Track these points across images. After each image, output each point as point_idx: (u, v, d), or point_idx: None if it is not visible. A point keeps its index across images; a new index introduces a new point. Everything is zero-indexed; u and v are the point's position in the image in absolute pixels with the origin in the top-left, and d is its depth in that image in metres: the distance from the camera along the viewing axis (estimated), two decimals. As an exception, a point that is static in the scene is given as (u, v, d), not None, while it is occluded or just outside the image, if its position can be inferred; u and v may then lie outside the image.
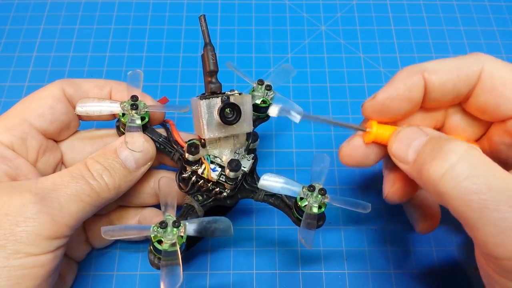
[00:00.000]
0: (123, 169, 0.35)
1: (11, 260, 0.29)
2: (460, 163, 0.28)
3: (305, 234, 0.34)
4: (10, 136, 0.34)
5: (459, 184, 0.27)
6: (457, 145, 0.29)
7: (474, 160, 0.28)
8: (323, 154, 0.37)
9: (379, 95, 0.35)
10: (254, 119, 0.41)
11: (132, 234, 0.31)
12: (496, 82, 0.32)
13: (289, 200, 0.37)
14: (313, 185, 0.35)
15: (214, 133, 0.34)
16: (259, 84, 0.41)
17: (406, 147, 0.32)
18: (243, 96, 0.34)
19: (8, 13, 0.58)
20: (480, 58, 0.33)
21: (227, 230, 0.32)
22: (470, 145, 0.29)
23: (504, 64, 0.33)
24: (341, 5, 0.60)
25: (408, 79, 0.34)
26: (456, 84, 0.33)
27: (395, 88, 0.34)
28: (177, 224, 0.31)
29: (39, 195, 0.31)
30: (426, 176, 0.29)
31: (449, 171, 0.28)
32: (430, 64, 0.34)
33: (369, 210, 0.35)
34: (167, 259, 0.31)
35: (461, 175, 0.27)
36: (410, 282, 0.42)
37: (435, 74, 0.34)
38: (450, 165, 0.28)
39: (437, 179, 0.28)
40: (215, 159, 0.36)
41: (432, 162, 0.29)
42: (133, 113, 0.36)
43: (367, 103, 0.36)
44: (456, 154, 0.28)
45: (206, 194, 0.37)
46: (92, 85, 0.39)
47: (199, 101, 0.33)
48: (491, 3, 0.61)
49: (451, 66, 0.34)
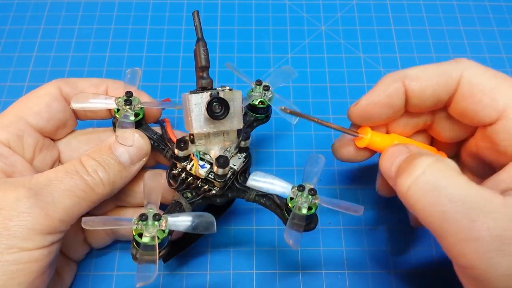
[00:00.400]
0: (118, 164, 0.35)
1: (5, 255, 0.29)
2: (423, 176, 0.29)
3: (291, 235, 0.33)
4: (6, 134, 0.35)
5: (422, 197, 0.29)
6: (423, 159, 0.30)
7: (437, 173, 0.29)
8: (318, 155, 0.37)
9: (361, 102, 0.36)
10: (252, 120, 0.41)
11: (111, 225, 0.32)
12: (474, 89, 0.33)
13: (280, 201, 0.36)
14: (303, 185, 0.34)
15: (202, 128, 0.34)
16: (257, 84, 0.41)
17: (390, 165, 0.33)
18: (233, 92, 0.34)
19: (8, 13, 0.58)
20: (460, 64, 0.34)
21: (209, 227, 0.31)
22: (436, 159, 0.30)
23: (484, 71, 0.33)
24: (341, 5, 0.60)
25: (389, 86, 0.35)
26: (435, 91, 0.34)
27: (376, 95, 0.36)
28: (158, 217, 0.31)
29: (33, 190, 0.31)
30: (398, 189, 0.31)
31: (413, 185, 0.29)
32: (412, 70, 0.35)
33: (362, 213, 0.34)
34: (145, 253, 0.30)
35: (424, 188, 0.29)
36: (410, 282, 0.42)
37: (415, 81, 0.34)
38: (414, 178, 0.29)
39: (404, 192, 0.30)
40: (204, 156, 0.36)
41: (401, 176, 0.31)
42: (127, 109, 0.36)
43: (351, 108, 0.37)
44: (420, 168, 0.30)
45: (195, 192, 0.36)
46: (88, 83, 0.39)
47: (187, 96, 0.33)
48: (491, 3, 0.61)
49: (432, 73, 0.34)
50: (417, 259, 0.43)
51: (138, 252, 0.31)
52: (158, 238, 0.31)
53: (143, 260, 0.30)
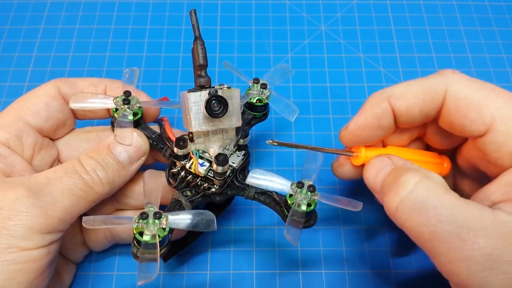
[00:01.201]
0: (117, 163, 0.35)
1: (5, 254, 0.29)
2: (410, 196, 0.29)
3: (290, 231, 0.33)
4: (5, 133, 0.35)
5: (410, 217, 0.29)
6: (409, 177, 0.30)
7: (425, 192, 0.29)
8: (316, 153, 0.37)
9: (350, 126, 0.36)
10: (250, 118, 0.41)
11: (112, 224, 0.32)
12: (460, 104, 0.32)
13: (280, 198, 0.36)
14: (302, 182, 0.34)
15: (201, 126, 0.34)
16: (254, 82, 0.41)
17: (374, 177, 0.33)
18: (232, 90, 0.34)
19: (8, 13, 0.58)
20: (445, 78, 0.34)
21: (210, 224, 0.31)
22: (423, 176, 0.29)
23: (469, 83, 0.33)
24: (341, 5, 0.60)
25: (376, 107, 0.35)
26: (422, 108, 0.34)
27: (364, 118, 0.35)
28: (158, 216, 0.31)
29: (32, 189, 0.31)
30: (386, 207, 0.31)
31: (401, 205, 0.29)
32: (397, 88, 0.35)
33: (360, 208, 0.34)
34: (146, 252, 0.30)
35: (411, 209, 0.29)
36: (410, 282, 0.42)
37: (400, 100, 0.34)
38: (401, 199, 0.29)
39: (392, 212, 0.30)
40: (204, 154, 0.36)
41: (388, 195, 0.30)
42: (125, 108, 0.37)
43: (342, 133, 0.37)
44: (407, 187, 0.29)
45: (195, 190, 0.36)
46: (86, 83, 0.39)
47: (186, 94, 0.34)
48: (491, 3, 0.61)
49: (417, 90, 0.34)
50: (417, 259, 0.43)
51: (139, 251, 0.31)
52: (159, 237, 0.31)
53: (144, 258, 0.30)
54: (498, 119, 0.31)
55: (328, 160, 0.48)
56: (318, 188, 0.46)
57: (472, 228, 0.27)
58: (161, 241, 0.31)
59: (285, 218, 0.35)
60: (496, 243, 0.26)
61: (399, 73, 0.55)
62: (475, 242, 0.26)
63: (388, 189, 0.31)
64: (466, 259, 0.26)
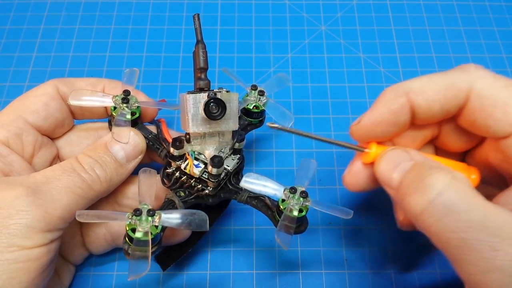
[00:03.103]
0: (114, 162, 0.35)
1: (5, 253, 0.29)
2: (439, 199, 0.27)
3: (281, 236, 0.33)
4: (5, 132, 0.35)
5: (438, 222, 0.27)
6: (438, 178, 0.28)
7: (455, 195, 0.27)
8: (310, 160, 0.37)
9: (364, 120, 0.34)
10: (246, 124, 0.42)
11: (105, 218, 0.32)
12: (486, 102, 0.31)
13: (272, 203, 0.36)
14: (295, 187, 0.34)
15: (199, 127, 0.34)
16: (252, 89, 0.41)
17: (390, 172, 0.31)
18: (230, 94, 0.35)
19: (8, 13, 0.58)
20: (469, 74, 0.32)
21: (202, 224, 0.32)
22: (452, 177, 0.28)
23: (494, 80, 0.31)
24: (341, 5, 0.60)
25: (393, 102, 0.33)
26: (443, 105, 0.32)
27: (379, 113, 0.33)
28: (152, 213, 0.31)
29: (31, 188, 0.31)
30: (408, 208, 0.29)
31: (428, 208, 0.27)
32: (416, 83, 0.33)
33: (351, 216, 0.34)
34: (137, 249, 0.31)
35: (440, 212, 0.27)
36: (410, 282, 0.42)
37: (421, 95, 0.32)
38: (429, 201, 0.27)
39: (418, 214, 0.28)
40: (199, 156, 0.36)
41: (412, 195, 0.28)
42: (124, 107, 0.37)
43: (353, 127, 0.34)
44: (435, 189, 0.27)
45: (189, 191, 0.37)
46: (85, 83, 0.39)
47: (185, 96, 0.34)
48: (491, 3, 0.61)
49: (438, 86, 0.32)
50: (417, 259, 0.43)
51: (130, 248, 0.31)
52: (151, 234, 0.31)
53: (135, 255, 0.31)
54: None
55: (325, 162, 0.48)
56: (318, 188, 0.47)
57: (505, 237, 0.25)
58: (153, 239, 0.31)
59: (276, 223, 0.35)
60: None
61: (399, 73, 0.55)
62: (509, 252, 0.25)
63: (412, 188, 0.29)
64: (499, 270, 0.25)
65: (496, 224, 0.25)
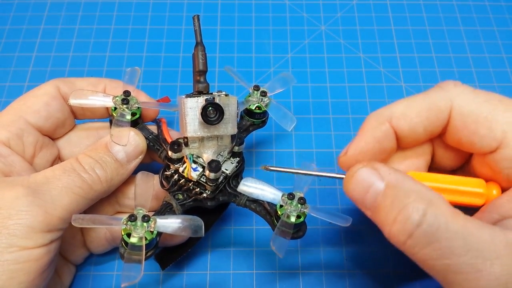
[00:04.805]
0: (114, 162, 0.35)
1: (5, 254, 0.29)
2: (420, 229, 0.27)
3: (277, 242, 0.33)
4: (6, 133, 0.35)
5: (422, 251, 0.27)
6: (415, 208, 0.27)
7: (434, 223, 0.27)
8: (310, 164, 0.37)
9: (350, 151, 0.34)
10: (248, 125, 0.41)
11: (101, 223, 0.32)
12: (468, 120, 0.31)
13: (271, 207, 0.36)
14: (293, 193, 0.34)
15: (197, 132, 0.34)
16: (254, 89, 0.41)
17: (363, 193, 0.30)
18: (229, 97, 0.34)
19: (8, 13, 0.58)
20: (448, 93, 0.32)
21: (197, 230, 0.32)
22: (428, 203, 0.27)
23: (475, 96, 0.31)
24: (341, 5, 0.60)
25: (376, 130, 0.33)
26: (426, 127, 0.32)
27: (365, 142, 0.33)
28: (147, 219, 0.31)
29: (31, 188, 0.31)
30: (390, 237, 0.29)
31: (410, 240, 0.27)
32: (397, 107, 0.33)
33: (349, 224, 0.34)
34: (132, 253, 0.31)
35: (422, 243, 0.27)
36: (410, 282, 0.42)
37: (403, 120, 0.32)
38: (409, 233, 0.27)
39: (401, 244, 0.28)
40: (198, 159, 0.36)
41: (392, 226, 0.28)
42: (124, 108, 0.37)
43: (341, 159, 0.35)
44: (414, 219, 0.27)
45: (187, 194, 0.36)
46: (86, 83, 0.39)
47: (183, 99, 0.34)
48: (491, 3, 0.61)
49: (419, 108, 0.32)
50: (417, 259, 0.43)
51: (126, 252, 0.31)
52: (146, 239, 0.31)
53: (130, 259, 0.31)
54: (510, 133, 0.30)
55: (325, 162, 0.48)
56: (318, 188, 0.47)
57: (487, 257, 0.26)
58: (148, 244, 0.31)
59: (275, 227, 0.35)
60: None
61: (399, 73, 0.55)
62: (491, 272, 0.25)
63: (390, 219, 0.28)
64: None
65: (477, 245, 0.26)
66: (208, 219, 0.39)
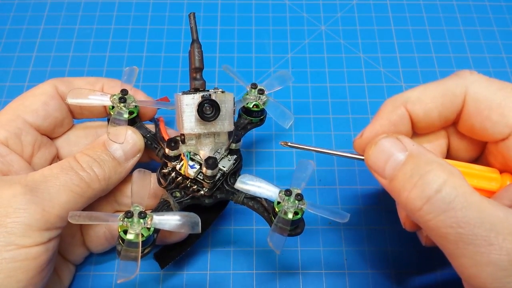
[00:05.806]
0: (112, 160, 0.35)
1: (3, 252, 0.29)
2: (438, 196, 0.27)
3: (274, 238, 0.33)
4: (4, 132, 0.35)
5: (436, 218, 0.27)
6: (436, 175, 0.28)
7: (452, 192, 0.27)
8: (308, 161, 0.37)
9: (365, 133, 0.34)
10: (246, 123, 0.42)
11: (98, 220, 0.32)
12: (481, 106, 0.32)
13: (268, 204, 0.36)
14: (290, 190, 0.34)
15: (193, 128, 0.34)
16: (252, 87, 0.41)
17: (383, 162, 0.30)
18: (226, 94, 0.34)
19: (8, 13, 0.58)
20: (463, 80, 0.32)
21: (194, 226, 0.31)
22: (449, 173, 0.28)
23: (489, 84, 0.32)
24: (341, 5, 0.60)
25: (392, 114, 0.34)
26: (441, 112, 0.33)
27: (380, 125, 0.34)
28: (143, 215, 0.31)
29: (29, 186, 0.31)
30: (405, 203, 0.29)
31: (427, 205, 0.28)
32: (413, 93, 0.34)
33: (347, 220, 0.34)
34: (129, 250, 0.31)
35: (439, 209, 0.27)
36: (410, 282, 0.42)
37: (418, 105, 0.33)
38: (428, 198, 0.28)
39: (416, 210, 0.28)
40: (195, 157, 0.36)
41: (410, 191, 0.29)
42: (121, 106, 0.37)
43: (356, 141, 0.35)
44: (434, 185, 0.28)
45: (184, 191, 0.36)
46: (83, 82, 0.40)
47: (179, 96, 0.34)
48: (491, 3, 0.61)
49: (434, 94, 0.33)
50: (417, 259, 0.43)
51: (122, 248, 0.31)
52: (142, 236, 0.31)
53: (127, 256, 0.31)
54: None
55: (325, 161, 0.48)
56: (318, 188, 0.47)
57: (500, 232, 0.26)
58: (145, 241, 0.31)
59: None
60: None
61: (399, 73, 0.55)
62: (503, 247, 0.26)
63: (410, 184, 0.29)
64: (493, 263, 0.26)
65: (491, 219, 0.26)
66: (207, 218, 0.39)
